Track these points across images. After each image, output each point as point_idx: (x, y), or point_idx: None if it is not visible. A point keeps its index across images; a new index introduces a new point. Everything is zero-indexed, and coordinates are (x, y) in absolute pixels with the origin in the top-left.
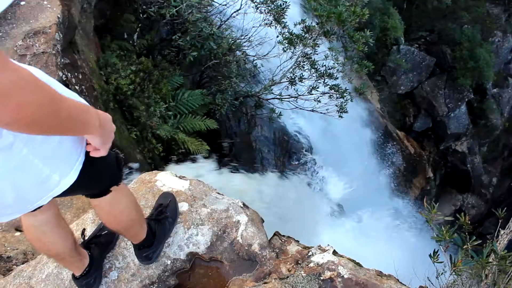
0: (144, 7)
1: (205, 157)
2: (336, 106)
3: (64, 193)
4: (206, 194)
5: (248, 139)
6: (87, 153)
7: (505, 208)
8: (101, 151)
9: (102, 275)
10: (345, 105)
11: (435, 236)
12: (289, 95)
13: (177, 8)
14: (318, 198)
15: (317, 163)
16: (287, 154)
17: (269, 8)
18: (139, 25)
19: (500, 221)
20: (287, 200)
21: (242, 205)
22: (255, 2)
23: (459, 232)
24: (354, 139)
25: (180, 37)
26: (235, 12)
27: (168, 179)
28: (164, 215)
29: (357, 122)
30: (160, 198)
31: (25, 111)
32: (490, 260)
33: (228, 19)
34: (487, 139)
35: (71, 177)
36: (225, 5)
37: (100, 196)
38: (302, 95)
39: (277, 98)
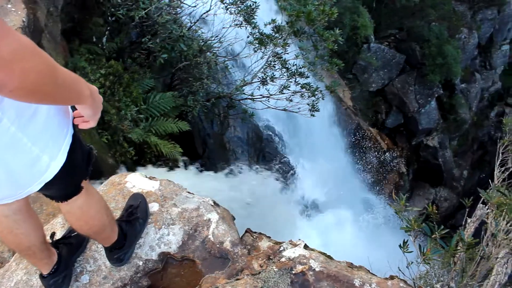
0: (112, 9)
1: (178, 159)
2: (308, 104)
3: (44, 188)
4: (176, 193)
5: (221, 140)
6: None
7: (472, 198)
8: (90, 123)
9: (74, 279)
10: (316, 103)
11: (405, 226)
12: (261, 95)
13: (146, 10)
14: (293, 196)
15: (291, 162)
16: (261, 154)
17: (239, 8)
18: (108, 28)
19: (467, 210)
20: (262, 199)
21: (212, 203)
22: (225, 3)
23: (428, 222)
24: (327, 137)
25: (149, 39)
26: (205, 13)
27: (138, 180)
28: (134, 216)
29: (330, 120)
30: (130, 199)
31: (29, 77)
32: (458, 248)
33: (198, 20)
34: (457, 133)
35: (60, 159)
36: (195, 6)
37: (71, 197)
38: (274, 94)
39: (249, 98)
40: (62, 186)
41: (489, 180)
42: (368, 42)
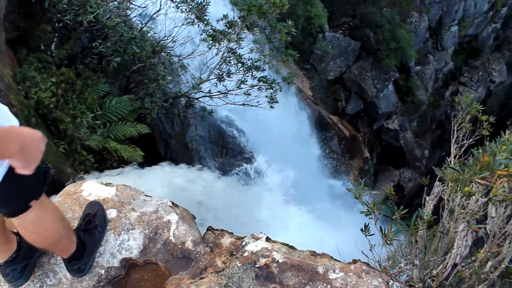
0: (59, 15)
1: (140, 162)
2: (267, 97)
3: None
4: (134, 198)
5: (183, 140)
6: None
7: (429, 176)
8: (25, 171)
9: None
10: (275, 95)
11: (365, 210)
12: (219, 92)
13: (94, 14)
14: (259, 190)
15: (255, 156)
16: (224, 150)
17: (190, 6)
18: (56, 35)
19: (425, 188)
20: (229, 196)
21: (171, 204)
22: (175, 1)
23: (388, 204)
24: (289, 129)
25: (100, 43)
26: (155, 13)
27: (94, 188)
28: (92, 225)
29: (290, 111)
30: (87, 207)
31: None
32: (419, 226)
33: (148, 21)
34: (416, 115)
35: None
36: (145, 7)
37: (19, 214)
38: (231, 90)
39: (207, 96)
40: (4, 205)
41: (446, 158)
42: (323, 32)
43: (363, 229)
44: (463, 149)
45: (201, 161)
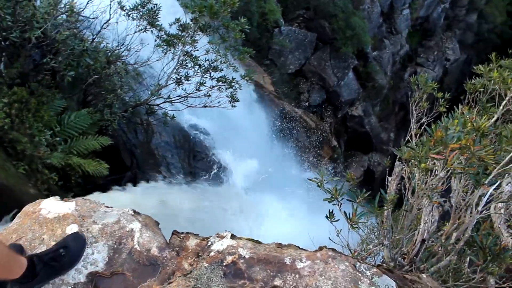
0: (4, 33)
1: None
2: (227, 97)
3: None
4: (94, 210)
5: (149, 148)
6: None
7: (389, 157)
8: None
9: None
10: (235, 94)
11: (328, 197)
12: (178, 96)
13: (42, 29)
14: (230, 190)
15: (223, 157)
16: (191, 154)
17: (141, 13)
18: (4, 54)
19: (387, 169)
20: (201, 200)
21: (133, 213)
22: (125, 9)
23: (351, 189)
24: (255, 126)
25: (52, 58)
26: (105, 23)
27: (53, 205)
28: (58, 263)
29: (254, 108)
30: (69, 238)
31: None
32: (384, 206)
33: (99, 32)
34: (378, 99)
35: None
36: (95, 18)
37: None
38: (191, 93)
39: (167, 102)
40: None
41: (408, 138)
42: (278, 26)
43: (328, 215)
44: (422, 128)
45: (169, 167)
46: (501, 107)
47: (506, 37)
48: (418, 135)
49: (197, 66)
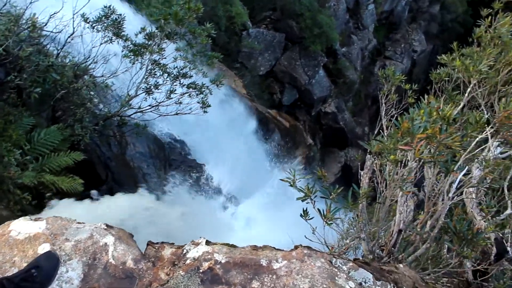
0: None
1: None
2: (198, 103)
3: None
4: (66, 227)
5: (124, 160)
6: None
7: (360, 151)
8: None
9: None
10: (206, 99)
11: (301, 196)
12: (149, 105)
13: (3, 46)
14: (210, 196)
15: (199, 163)
16: (167, 163)
17: (105, 25)
18: None
19: (358, 164)
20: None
21: (105, 227)
22: (89, 22)
23: (323, 186)
24: (229, 130)
25: (16, 76)
26: (69, 37)
27: (23, 226)
28: (30, 284)
29: (227, 112)
30: (41, 258)
31: None
32: (357, 201)
33: (64, 46)
34: (350, 94)
35: None
36: (58, 32)
37: None
38: (162, 102)
39: (138, 112)
40: None
41: (379, 131)
42: (246, 29)
43: (302, 214)
44: (393, 120)
45: (145, 178)
46: (466, 94)
47: (469, 26)
48: (389, 127)
49: (166, 74)
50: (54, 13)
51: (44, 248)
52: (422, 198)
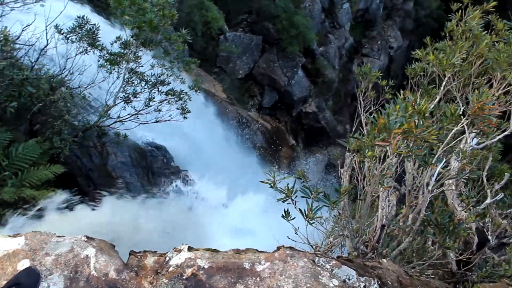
0: None
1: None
2: (178, 109)
3: None
4: (46, 242)
5: (106, 171)
6: None
7: (339, 150)
8: None
9: None
10: (185, 106)
11: (282, 197)
12: (129, 114)
13: None
14: (195, 203)
15: (182, 170)
16: (149, 171)
17: (80, 35)
18: None
19: (339, 162)
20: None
21: (86, 239)
22: (63, 33)
23: (304, 186)
24: (211, 135)
25: None
26: (43, 49)
27: (1, 243)
28: None
29: (207, 118)
30: (20, 275)
31: None
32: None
33: (38, 58)
34: (330, 93)
35: None
36: (32, 45)
37: None
38: (141, 110)
39: (117, 121)
40: None
41: (360, 128)
42: (223, 33)
43: (284, 214)
44: (370, 117)
45: (129, 187)
46: (441, 88)
47: (443, 21)
48: (368, 124)
49: (144, 82)
50: (27, 26)
51: (23, 264)
52: (404, 192)
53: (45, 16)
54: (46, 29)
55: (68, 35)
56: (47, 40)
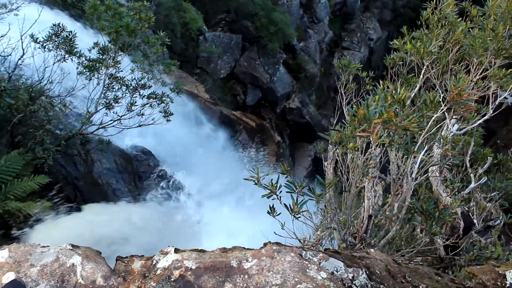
0: None
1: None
2: (160, 112)
3: None
4: (30, 253)
5: (91, 178)
6: None
7: (322, 143)
8: None
9: None
10: (167, 108)
11: (266, 193)
12: (111, 120)
13: None
14: (181, 204)
15: (168, 173)
16: (136, 176)
17: (57, 43)
18: None
19: (322, 155)
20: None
21: (71, 247)
22: (39, 42)
23: (288, 182)
24: (195, 137)
25: None
26: (19, 59)
27: None
28: None
29: (191, 119)
30: (8, 286)
31: None
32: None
33: (15, 68)
34: (312, 88)
35: None
36: (8, 55)
37: None
38: (123, 115)
39: (100, 128)
40: None
41: (343, 120)
42: (202, 34)
43: (270, 211)
44: (350, 108)
45: (116, 193)
46: (421, 76)
47: (420, 10)
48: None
49: (124, 87)
50: (1, 36)
51: (8, 277)
52: (390, 182)
53: (20, 26)
54: (21, 39)
55: (45, 44)
56: (23, 49)
